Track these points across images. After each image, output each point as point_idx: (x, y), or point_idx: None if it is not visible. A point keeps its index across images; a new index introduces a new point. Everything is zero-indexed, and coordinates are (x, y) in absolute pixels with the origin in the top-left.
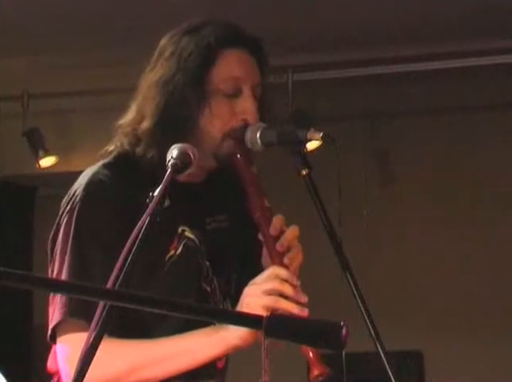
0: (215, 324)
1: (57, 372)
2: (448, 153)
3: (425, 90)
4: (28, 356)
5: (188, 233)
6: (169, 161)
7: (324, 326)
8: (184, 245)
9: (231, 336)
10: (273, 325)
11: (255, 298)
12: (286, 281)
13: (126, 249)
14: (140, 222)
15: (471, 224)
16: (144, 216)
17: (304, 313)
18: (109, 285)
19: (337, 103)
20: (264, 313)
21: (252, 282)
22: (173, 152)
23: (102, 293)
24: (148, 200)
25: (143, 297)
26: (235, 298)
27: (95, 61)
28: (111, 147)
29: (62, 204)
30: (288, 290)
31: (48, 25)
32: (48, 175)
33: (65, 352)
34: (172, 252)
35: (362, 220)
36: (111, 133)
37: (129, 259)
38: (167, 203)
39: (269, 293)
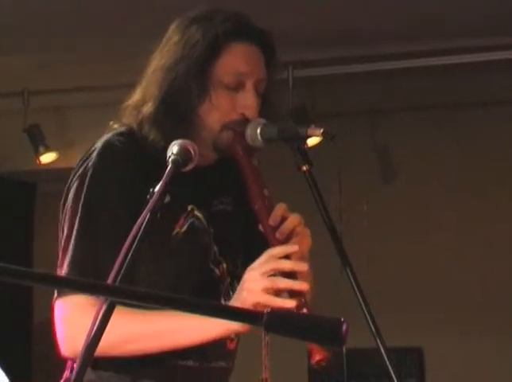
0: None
1: (70, 358)
2: (449, 147)
3: (426, 85)
4: (28, 355)
5: (197, 212)
6: (170, 157)
7: (325, 323)
8: (190, 224)
9: (230, 323)
10: (273, 321)
11: (254, 282)
12: (283, 258)
13: (126, 245)
14: (140, 218)
15: (472, 220)
16: (144, 211)
17: (304, 286)
18: (110, 280)
19: (337, 99)
20: (265, 297)
21: (249, 267)
22: (174, 148)
23: (102, 289)
24: (149, 196)
25: (141, 293)
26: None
27: (95, 58)
28: (117, 124)
29: (76, 166)
30: (285, 265)
31: (48, 23)
32: (49, 171)
33: (63, 312)
34: (177, 230)
35: (362, 216)
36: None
37: (130, 255)
38: (167, 199)
39: (268, 274)
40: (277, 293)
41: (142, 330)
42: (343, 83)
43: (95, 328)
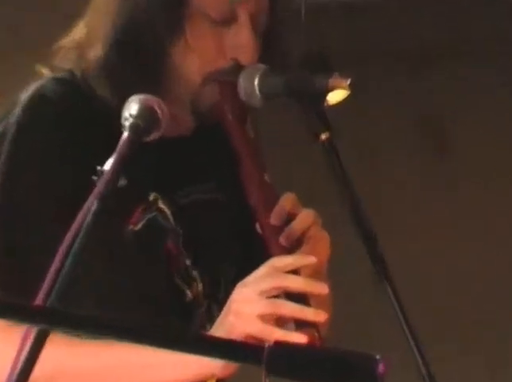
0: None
1: None
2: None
3: None
4: None
5: (161, 204)
6: (126, 120)
7: (352, 361)
8: (149, 220)
9: (206, 362)
10: (277, 358)
11: (247, 304)
12: (290, 272)
13: (63, 248)
14: (83, 209)
15: None
16: (89, 199)
17: (319, 316)
18: (39, 299)
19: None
20: (261, 326)
21: (242, 282)
22: (132, 107)
23: (22, 312)
24: (96, 177)
25: (84, 318)
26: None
27: None
28: (47, 69)
29: None
30: (294, 282)
31: None
32: None
33: None
34: (130, 227)
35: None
36: None
37: (69, 262)
38: (122, 182)
39: (268, 294)
40: (280, 322)
41: (84, 366)
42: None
43: (22, 361)
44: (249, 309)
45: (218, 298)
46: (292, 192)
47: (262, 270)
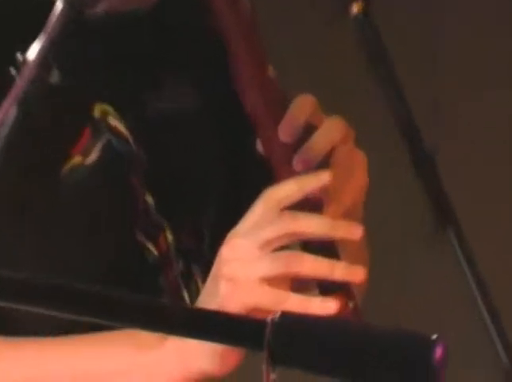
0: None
1: None
2: None
3: None
4: None
5: (114, 121)
6: None
7: (401, 342)
8: (103, 147)
9: (191, 354)
10: (285, 339)
11: (244, 263)
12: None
13: None
14: None
15: None
16: (4, 103)
17: (354, 272)
18: None
19: None
20: (266, 293)
21: (235, 230)
22: None
23: None
24: (14, 69)
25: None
26: (211, 262)
27: None
28: None
29: None
30: (314, 225)
31: None
32: None
33: None
34: (76, 160)
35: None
36: None
37: None
38: (55, 78)
39: (274, 246)
40: (297, 285)
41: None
42: None
43: None
44: (247, 271)
45: (200, 255)
46: (308, 92)
47: (259, 207)
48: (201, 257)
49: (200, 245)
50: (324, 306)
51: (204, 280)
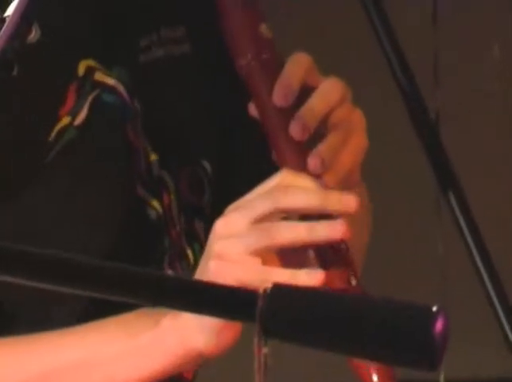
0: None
1: None
2: None
3: None
4: None
5: (101, 76)
6: None
7: (399, 313)
8: (91, 105)
9: (187, 332)
10: (278, 311)
11: (234, 238)
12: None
13: None
14: None
15: None
16: None
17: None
18: None
19: None
20: (256, 268)
21: (234, 205)
22: None
23: None
24: None
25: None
26: (213, 219)
27: None
28: None
29: None
30: (307, 198)
31: None
32: None
33: None
34: (65, 121)
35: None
36: None
37: None
38: (36, 35)
39: (265, 216)
40: (292, 260)
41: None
42: None
43: None
44: (237, 246)
45: (201, 209)
46: (304, 51)
47: (261, 187)
48: (203, 212)
49: (201, 198)
50: (311, 277)
51: (207, 237)
